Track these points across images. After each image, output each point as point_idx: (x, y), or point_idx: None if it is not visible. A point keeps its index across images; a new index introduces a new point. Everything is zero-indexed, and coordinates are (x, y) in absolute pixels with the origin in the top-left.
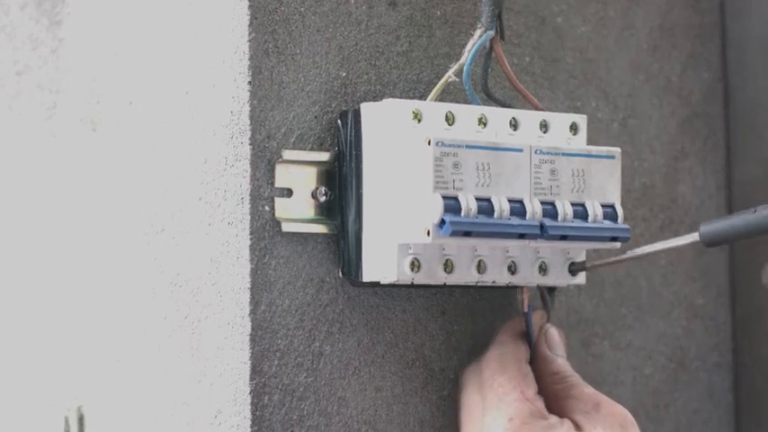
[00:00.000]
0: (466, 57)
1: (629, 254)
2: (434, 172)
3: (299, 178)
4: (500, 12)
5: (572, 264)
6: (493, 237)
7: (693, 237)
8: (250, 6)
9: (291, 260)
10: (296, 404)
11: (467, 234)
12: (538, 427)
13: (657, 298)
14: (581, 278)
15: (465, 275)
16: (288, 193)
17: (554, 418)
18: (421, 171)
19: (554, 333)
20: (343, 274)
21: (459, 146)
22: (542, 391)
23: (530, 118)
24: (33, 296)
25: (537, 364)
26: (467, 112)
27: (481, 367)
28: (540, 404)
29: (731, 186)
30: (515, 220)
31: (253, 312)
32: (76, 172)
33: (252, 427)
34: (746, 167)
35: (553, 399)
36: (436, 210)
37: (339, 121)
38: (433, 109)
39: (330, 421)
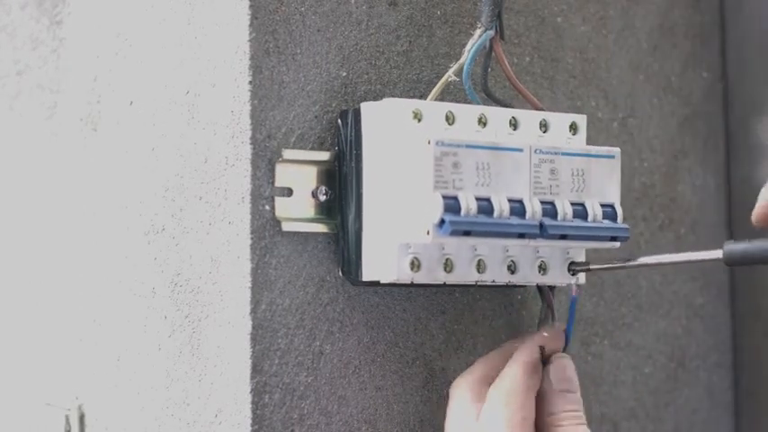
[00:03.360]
0: (466, 56)
1: (644, 260)
2: (434, 172)
3: (300, 178)
4: (500, 11)
5: (572, 263)
6: (492, 236)
7: (717, 254)
8: (251, 6)
9: (292, 259)
10: (296, 403)
11: (466, 233)
12: None
13: (657, 297)
14: (581, 278)
15: (465, 275)
16: (288, 192)
17: None
18: (421, 171)
19: (562, 366)
20: (343, 273)
21: (459, 146)
22: (537, 421)
23: (529, 118)
24: (33, 296)
25: (538, 394)
26: (467, 112)
27: (482, 392)
28: None
29: (731, 186)
30: (515, 220)
31: (253, 311)
32: (77, 172)
33: (252, 426)
34: (746, 167)
35: None
36: (436, 209)
37: (339, 120)
38: (433, 109)
39: (330, 420)
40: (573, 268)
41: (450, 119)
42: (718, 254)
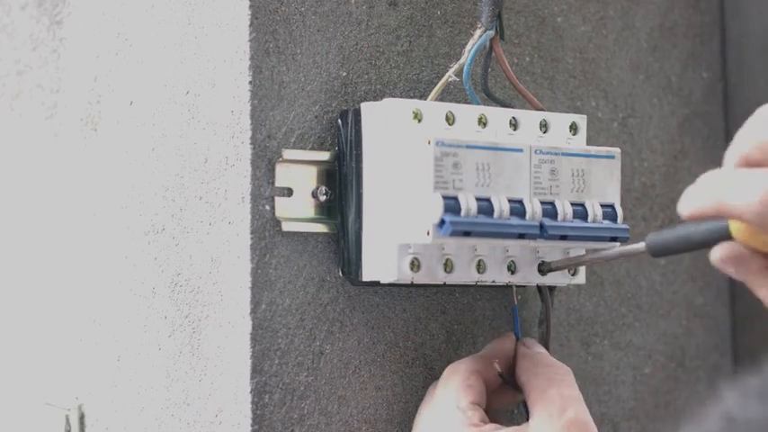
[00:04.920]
0: (466, 56)
1: (588, 256)
2: (435, 172)
3: (300, 178)
4: (500, 11)
5: (541, 263)
6: (492, 237)
7: (640, 246)
8: (251, 6)
9: (292, 259)
10: (296, 403)
11: (466, 234)
12: None
13: (657, 298)
14: (581, 278)
15: (465, 275)
16: (288, 192)
17: (488, 427)
18: (421, 171)
19: (530, 339)
20: (343, 273)
21: (459, 146)
22: (529, 386)
23: (529, 118)
24: (34, 296)
25: (522, 361)
26: (467, 112)
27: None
28: (473, 413)
29: None
30: (515, 220)
31: (253, 311)
32: (77, 172)
33: (252, 426)
34: None
35: (535, 393)
36: (436, 210)
37: (339, 120)
38: (433, 109)
39: (330, 420)
40: (542, 269)
41: (450, 119)
42: (641, 246)
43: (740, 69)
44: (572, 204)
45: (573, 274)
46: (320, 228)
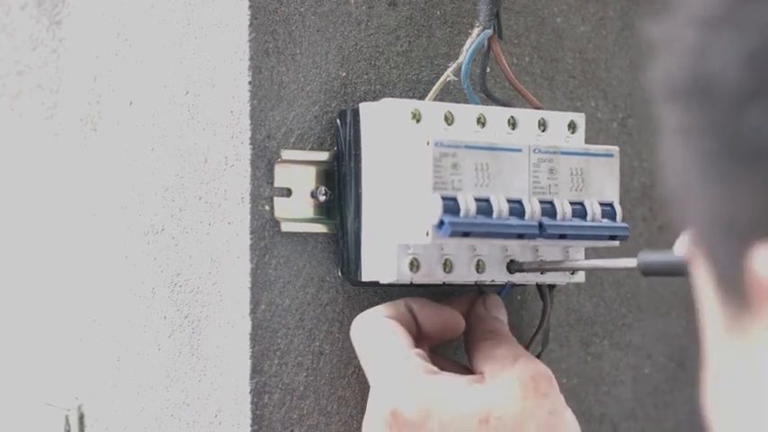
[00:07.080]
0: (464, 56)
1: (569, 263)
2: (434, 172)
3: (299, 178)
4: (498, 11)
5: (511, 262)
6: (492, 237)
7: (631, 262)
8: (250, 6)
9: (291, 260)
10: (296, 403)
11: (466, 234)
12: (422, 379)
13: (657, 297)
14: (580, 277)
15: (464, 275)
16: (287, 192)
17: (445, 374)
18: (420, 171)
19: (495, 297)
20: (342, 273)
21: (458, 146)
22: (474, 349)
23: (528, 117)
24: (34, 296)
25: (473, 322)
26: (466, 112)
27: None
28: (421, 359)
29: None
30: (514, 220)
31: (253, 312)
32: (77, 172)
33: (252, 426)
34: None
35: (482, 354)
36: (436, 210)
37: (338, 120)
38: (431, 109)
39: (330, 420)
40: (512, 267)
41: (449, 119)
42: (632, 262)
43: None
44: (571, 203)
45: (572, 273)
46: (319, 228)
